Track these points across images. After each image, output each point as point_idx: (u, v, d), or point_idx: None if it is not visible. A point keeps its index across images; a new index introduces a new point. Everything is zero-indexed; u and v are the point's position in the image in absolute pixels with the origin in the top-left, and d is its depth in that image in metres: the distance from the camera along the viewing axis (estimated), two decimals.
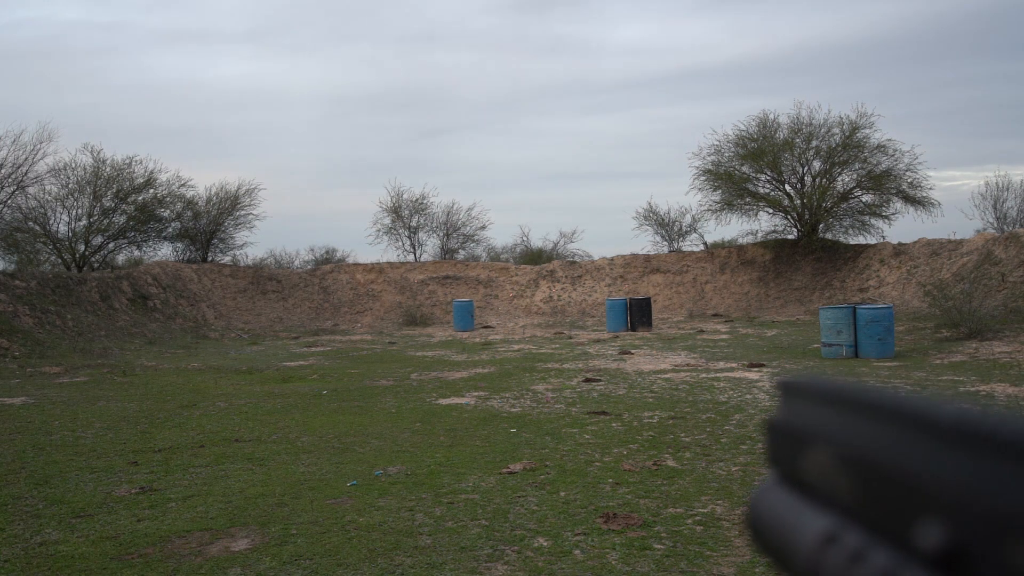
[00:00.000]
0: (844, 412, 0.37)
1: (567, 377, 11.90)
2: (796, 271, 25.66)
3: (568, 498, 5.42)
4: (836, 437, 0.37)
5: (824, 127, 25.52)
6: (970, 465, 0.27)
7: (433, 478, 6.03)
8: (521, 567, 4.19)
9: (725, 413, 8.43)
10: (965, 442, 0.28)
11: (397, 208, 32.30)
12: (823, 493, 0.37)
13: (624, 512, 5.03)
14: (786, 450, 0.42)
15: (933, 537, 0.28)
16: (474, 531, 4.77)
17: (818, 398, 0.39)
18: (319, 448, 7.24)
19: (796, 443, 0.40)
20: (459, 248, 33.18)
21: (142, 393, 11.27)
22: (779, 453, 0.43)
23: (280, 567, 4.28)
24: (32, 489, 6.04)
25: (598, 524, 4.83)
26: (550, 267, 28.86)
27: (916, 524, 0.29)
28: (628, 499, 5.35)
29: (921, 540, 0.29)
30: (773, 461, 0.43)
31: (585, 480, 5.87)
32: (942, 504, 0.28)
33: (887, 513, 0.31)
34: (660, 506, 5.17)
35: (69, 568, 4.36)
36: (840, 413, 0.37)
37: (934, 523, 0.28)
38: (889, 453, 0.32)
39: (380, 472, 6.25)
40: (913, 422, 0.31)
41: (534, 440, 7.37)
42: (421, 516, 5.08)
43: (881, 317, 13.34)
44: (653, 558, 4.26)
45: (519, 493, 5.56)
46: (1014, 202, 25.65)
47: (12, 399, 10.78)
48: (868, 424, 0.34)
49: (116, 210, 25.49)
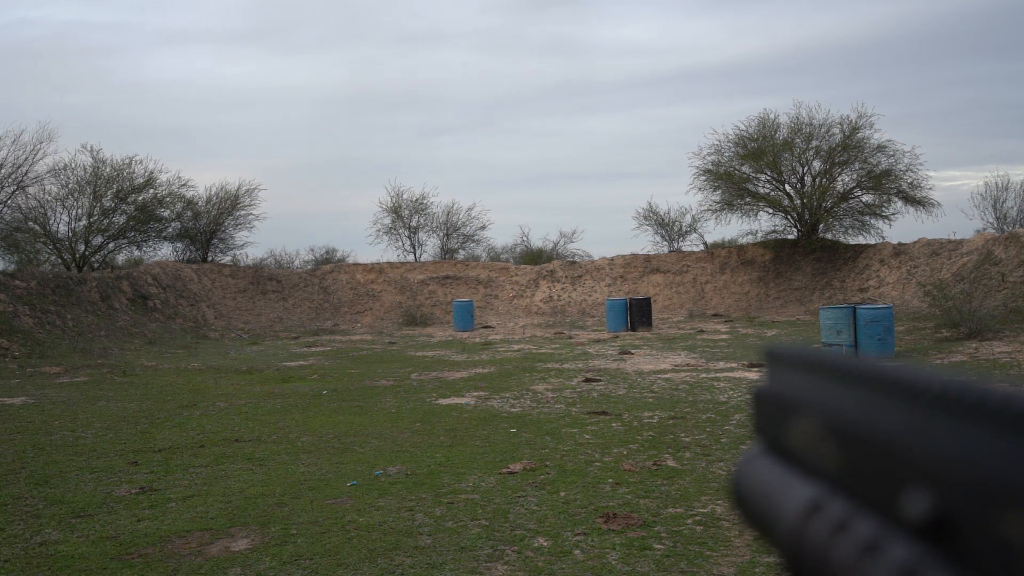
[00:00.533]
0: (831, 380, 0.36)
1: (567, 377, 11.90)
2: (796, 271, 25.67)
3: (568, 498, 5.42)
4: (822, 405, 0.36)
5: (824, 127, 25.55)
6: (958, 433, 0.27)
7: (433, 478, 6.04)
8: (521, 567, 4.19)
9: (725, 413, 8.43)
10: (953, 410, 0.27)
11: (397, 208, 32.31)
12: (808, 462, 0.36)
13: (624, 512, 5.03)
14: (771, 419, 0.41)
15: (919, 506, 0.28)
16: (474, 531, 4.77)
17: (805, 366, 0.39)
18: (319, 448, 7.24)
19: (782, 412, 0.39)
20: (459, 248, 33.19)
21: (142, 393, 11.27)
22: (764, 422, 0.42)
23: (280, 567, 4.28)
24: (32, 489, 6.04)
25: (598, 524, 4.83)
26: (550, 267, 28.86)
27: (902, 493, 0.29)
28: (628, 499, 5.35)
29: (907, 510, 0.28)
30: (758, 430, 0.43)
31: (585, 480, 5.87)
32: (929, 473, 0.28)
33: (873, 482, 0.31)
34: (660, 506, 5.17)
35: (69, 568, 4.36)
36: (827, 381, 0.36)
37: (920, 492, 0.28)
38: (876, 421, 0.31)
39: (380, 472, 6.25)
40: (900, 390, 0.30)
41: (534, 440, 7.37)
42: (421, 516, 5.08)
43: (881, 317, 13.34)
44: (653, 558, 4.26)
45: (519, 493, 5.56)
46: (1014, 202, 25.65)
47: (12, 399, 10.78)
48: (855, 392, 0.33)
49: (116, 210, 25.49)
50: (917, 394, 0.29)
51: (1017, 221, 25.29)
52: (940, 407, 0.28)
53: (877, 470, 0.31)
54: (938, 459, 0.27)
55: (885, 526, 0.29)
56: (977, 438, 0.26)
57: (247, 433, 8.07)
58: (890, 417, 0.31)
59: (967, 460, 0.26)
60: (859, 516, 0.31)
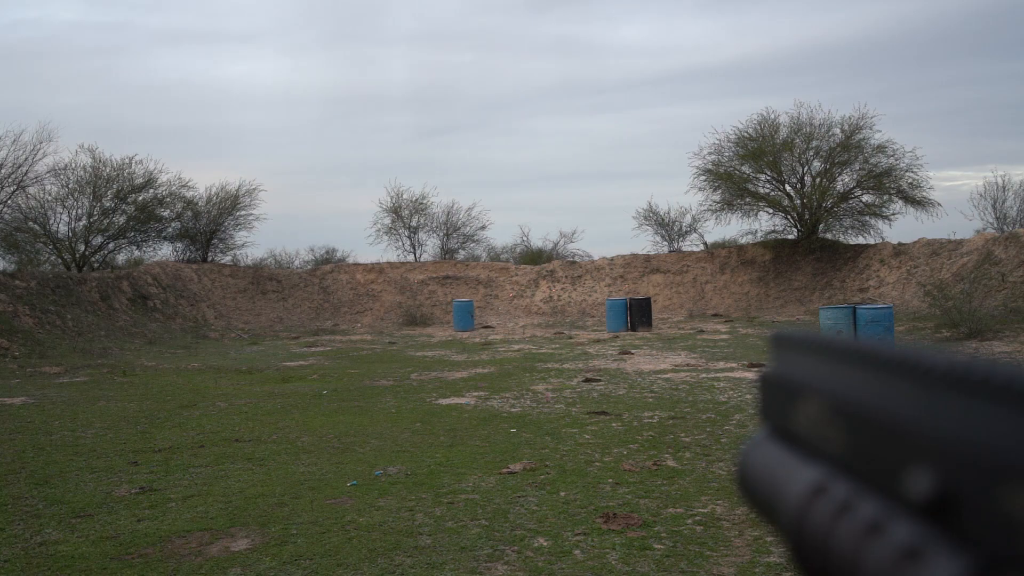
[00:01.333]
0: (835, 362, 0.36)
1: (567, 377, 11.90)
2: (796, 271, 25.67)
3: (568, 498, 5.42)
4: (827, 387, 0.36)
5: (824, 127, 25.55)
6: (961, 412, 0.27)
7: (433, 478, 6.03)
8: (521, 567, 4.19)
9: (725, 413, 8.43)
10: (956, 389, 0.27)
11: (397, 208, 32.30)
12: (813, 445, 0.36)
13: (624, 512, 5.03)
14: (777, 403, 0.41)
15: (923, 485, 0.27)
16: (474, 531, 4.77)
17: (809, 350, 0.39)
18: (319, 448, 7.24)
19: (787, 395, 0.39)
20: (459, 248, 33.19)
21: (142, 393, 11.27)
22: (770, 406, 0.42)
23: (280, 567, 4.28)
24: (32, 489, 6.04)
25: (598, 524, 4.83)
26: (550, 267, 28.87)
27: (905, 473, 0.28)
28: (628, 499, 5.35)
29: (910, 488, 0.28)
30: (764, 415, 0.42)
31: (585, 480, 5.87)
32: (932, 451, 0.27)
33: (877, 462, 0.31)
34: (660, 506, 5.17)
35: (69, 568, 4.36)
36: (831, 363, 0.36)
37: (924, 471, 0.28)
38: (880, 401, 0.31)
39: (380, 472, 6.25)
40: (904, 370, 0.30)
41: (534, 440, 7.37)
42: (421, 516, 5.08)
43: (881, 317, 13.35)
44: (653, 558, 4.26)
45: (519, 493, 5.56)
46: (1014, 202, 25.63)
47: (12, 399, 10.79)
48: (859, 373, 0.33)
49: (116, 210, 25.48)
50: (922, 372, 0.29)
51: (1017, 221, 25.28)
52: (945, 385, 0.28)
53: (881, 450, 0.30)
54: (942, 437, 0.27)
55: (889, 506, 0.29)
56: (982, 416, 0.26)
57: (247, 433, 8.07)
58: (895, 397, 0.30)
59: (972, 438, 0.26)
60: (863, 497, 0.31)
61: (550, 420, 8.37)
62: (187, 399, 10.56)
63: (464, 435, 7.67)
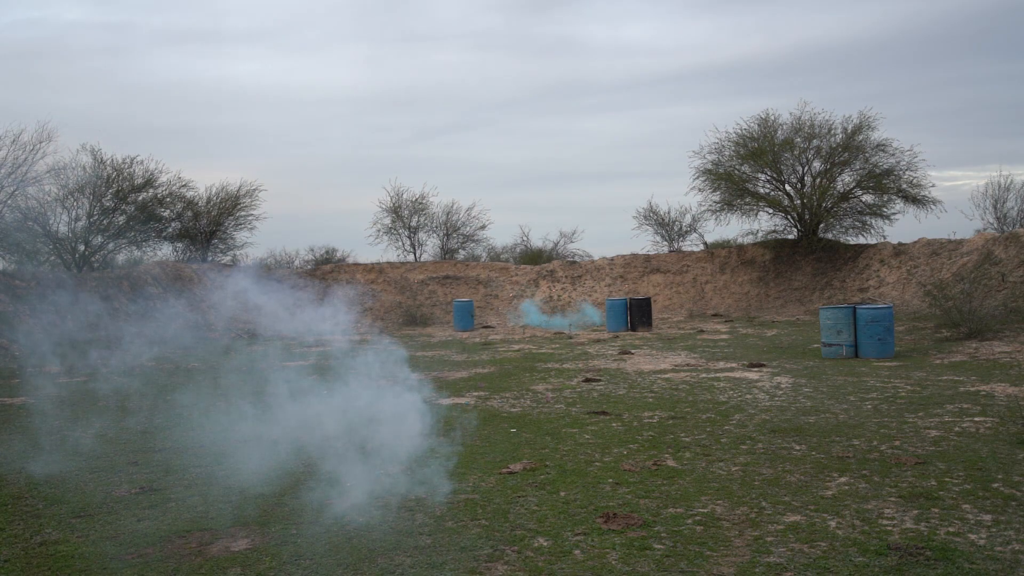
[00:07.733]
0: None
1: (567, 377, 11.90)
2: (796, 271, 25.66)
3: (568, 498, 5.42)
4: None
5: (825, 127, 25.54)
6: None
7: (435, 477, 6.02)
8: (521, 567, 4.19)
9: (725, 413, 8.43)
10: None
11: (397, 208, 32.31)
12: None
13: (624, 512, 5.03)
14: None
15: None
16: (474, 531, 4.77)
17: None
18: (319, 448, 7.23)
19: None
20: (459, 248, 33.20)
21: (142, 393, 11.26)
22: None
23: (280, 567, 4.28)
24: (32, 489, 6.04)
25: (598, 524, 4.83)
26: (550, 267, 28.86)
27: None
28: (628, 499, 5.35)
29: None
30: None
31: (585, 480, 5.87)
32: None
33: None
34: (660, 506, 5.17)
35: (69, 568, 4.36)
36: None
37: None
38: None
39: (380, 472, 6.24)
40: None
41: (534, 440, 7.37)
42: (421, 516, 5.08)
43: (881, 317, 13.33)
44: (653, 558, 4.26)
45: (519, 493, 5.56)
46: (1014, 202, 25.60)
47: (12, 399, 10.79)
48: None
49: (116, 210, 25.46)
50: None
51: (1017, 221, 25.26)
52: None
53: None
54: None
55: None
56: None
57: (247, 433, 8.05)
58: None
59: None
60: None
61: (550, 420, 8.36)
62: (187, 399, 10.54)
63: (464, 435, 7.66)
